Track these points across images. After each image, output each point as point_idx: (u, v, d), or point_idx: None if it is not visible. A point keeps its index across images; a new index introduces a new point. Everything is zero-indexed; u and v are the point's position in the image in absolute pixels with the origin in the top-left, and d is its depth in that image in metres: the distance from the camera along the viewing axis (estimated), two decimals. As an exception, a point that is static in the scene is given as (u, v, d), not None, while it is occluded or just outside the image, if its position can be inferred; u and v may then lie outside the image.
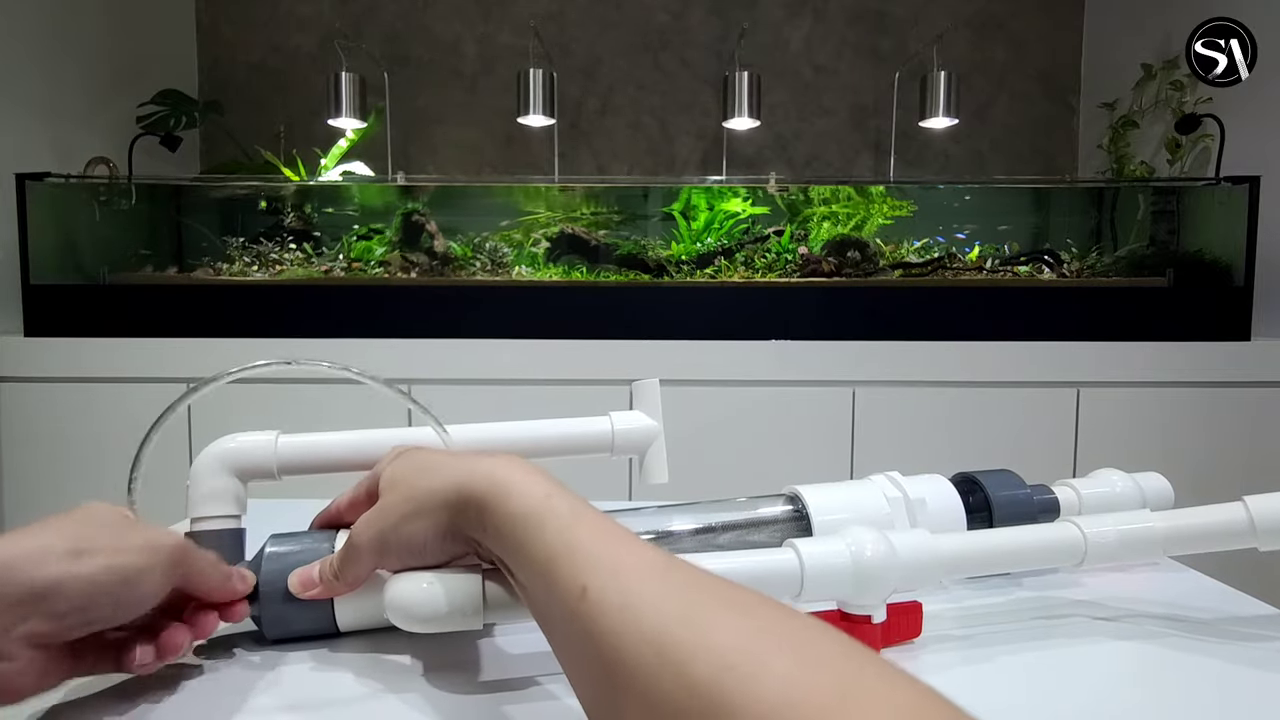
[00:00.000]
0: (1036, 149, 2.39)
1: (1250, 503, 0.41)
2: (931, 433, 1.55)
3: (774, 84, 2.32)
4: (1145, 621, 0.44)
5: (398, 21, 2.33)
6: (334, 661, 0.40)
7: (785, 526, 0.47)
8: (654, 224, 1.93)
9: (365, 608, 0.42)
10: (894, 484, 0.47)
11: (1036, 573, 0.51)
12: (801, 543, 0.38)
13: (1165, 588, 0.50)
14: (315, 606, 0.40)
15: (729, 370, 1.56)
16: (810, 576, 0.36)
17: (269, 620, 0.40)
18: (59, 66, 1.84)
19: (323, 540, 0.42)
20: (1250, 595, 0.48)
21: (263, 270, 1.78)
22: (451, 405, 1.57)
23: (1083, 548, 0.41)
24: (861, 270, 1.76)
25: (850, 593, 0.38)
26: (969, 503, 0.48)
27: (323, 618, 0.41)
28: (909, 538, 0.39)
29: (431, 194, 1.90)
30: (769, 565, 0.37)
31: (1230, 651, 0.41)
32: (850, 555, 0.37)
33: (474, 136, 2.36)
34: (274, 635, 0.41)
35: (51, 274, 1.69)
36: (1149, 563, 0.54)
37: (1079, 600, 0.48)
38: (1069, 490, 0.51)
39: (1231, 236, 1.66)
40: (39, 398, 1.56)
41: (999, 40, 2.36)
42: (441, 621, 0.36)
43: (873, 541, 0.37)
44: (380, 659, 0.40)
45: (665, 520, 0.47)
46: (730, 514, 0.48)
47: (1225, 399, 1.56)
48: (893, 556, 0.37)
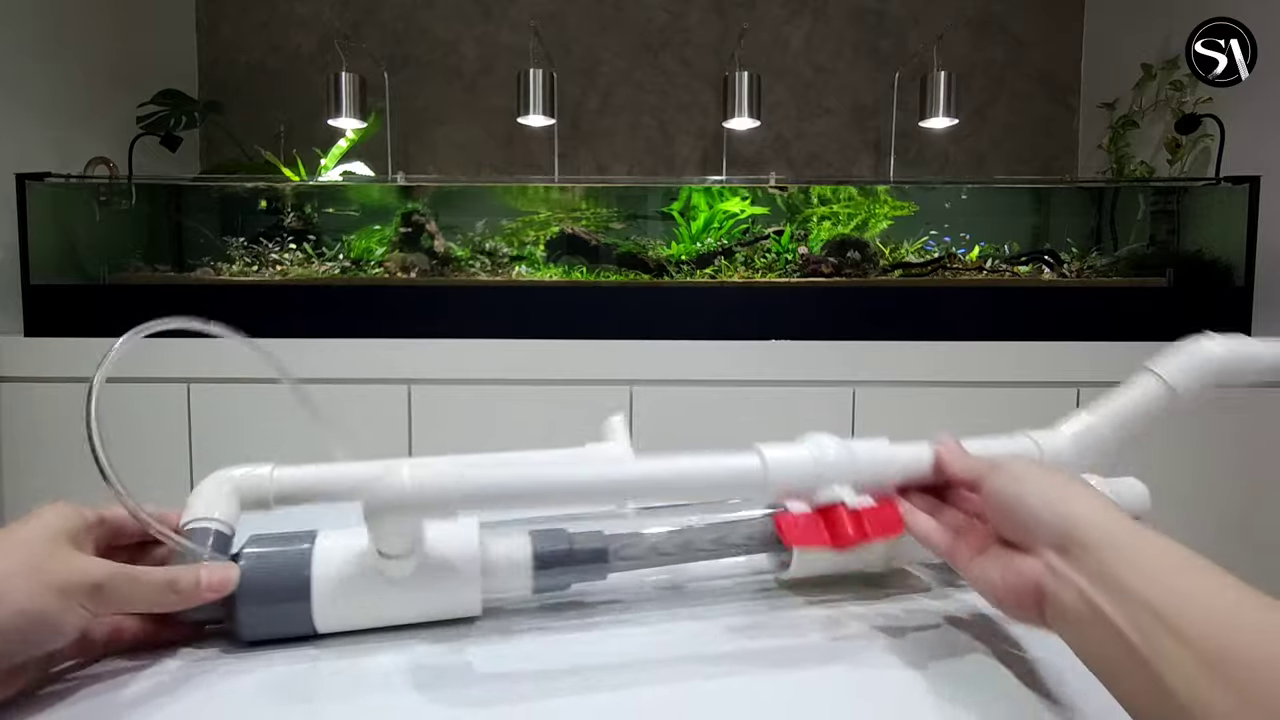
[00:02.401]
0: (1036, 149, 2.39)
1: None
2: (931, 433, 1.55)
3: (774, 84, 2.32)
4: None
5: (398, 21, 2.33)
6: (313, 661, 0.40)
7: (770, 529, 0.47)
8: (654, 224, 1.93)
9: (344, 609, 0.41)
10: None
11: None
12: (765, 447, 0.43)
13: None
14: (292, 608, 0.40)
15: (729, 370, 1.56)
16: (774, 475, 0.41)
17: (246, 622, 0.40)
18: (59, 66, 1.84)
19: (302, 541, 0.42)
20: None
21: (263, 270, 1.78)
22: (452, 405, 1.57)
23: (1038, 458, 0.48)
24: (861, 270, 1.76)
25: (812, 487, 0.42)
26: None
27: (300, 619, 0.40)
28: (867, 443, 0.44)
29: (431, 194, 1.90)
30: (735, 467, 0.42)
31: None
32: (811, 458, 0.42)
33: (474, 136, 2.36)
34: (250, 637, 0.40)
35: (51, 274, 1.69)
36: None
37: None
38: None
39: (1231, 236, 1.66)
40: (39, 398, 1.56)
41: (999, 40, 2.36)
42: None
43: (834, 445, 0.43)
44: (360, 661, 0.40)
45: (641, 524, 0.47)
46: (712, 514, 0.48)
47: (1225, 399, 1.56)
48: (852, 460, 0.43)
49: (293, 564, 0.41)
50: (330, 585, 0.40)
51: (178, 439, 1.55)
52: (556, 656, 0.41)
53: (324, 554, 0.41)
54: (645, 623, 0.44)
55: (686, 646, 0.42)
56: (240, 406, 1.54)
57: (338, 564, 0.41)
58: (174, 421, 1.54)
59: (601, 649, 0.41)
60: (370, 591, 0.41)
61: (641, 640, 0.42)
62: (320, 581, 0.40)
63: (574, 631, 0.43)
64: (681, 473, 0.42)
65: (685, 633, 0.43)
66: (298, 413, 0.41)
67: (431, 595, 0.42)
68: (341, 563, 0.41)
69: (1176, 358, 0.49)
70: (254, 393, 1.54)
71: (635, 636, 0.43)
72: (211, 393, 1.54)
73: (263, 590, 0.40)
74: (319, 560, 0.41)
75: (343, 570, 0.41)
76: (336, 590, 0.41)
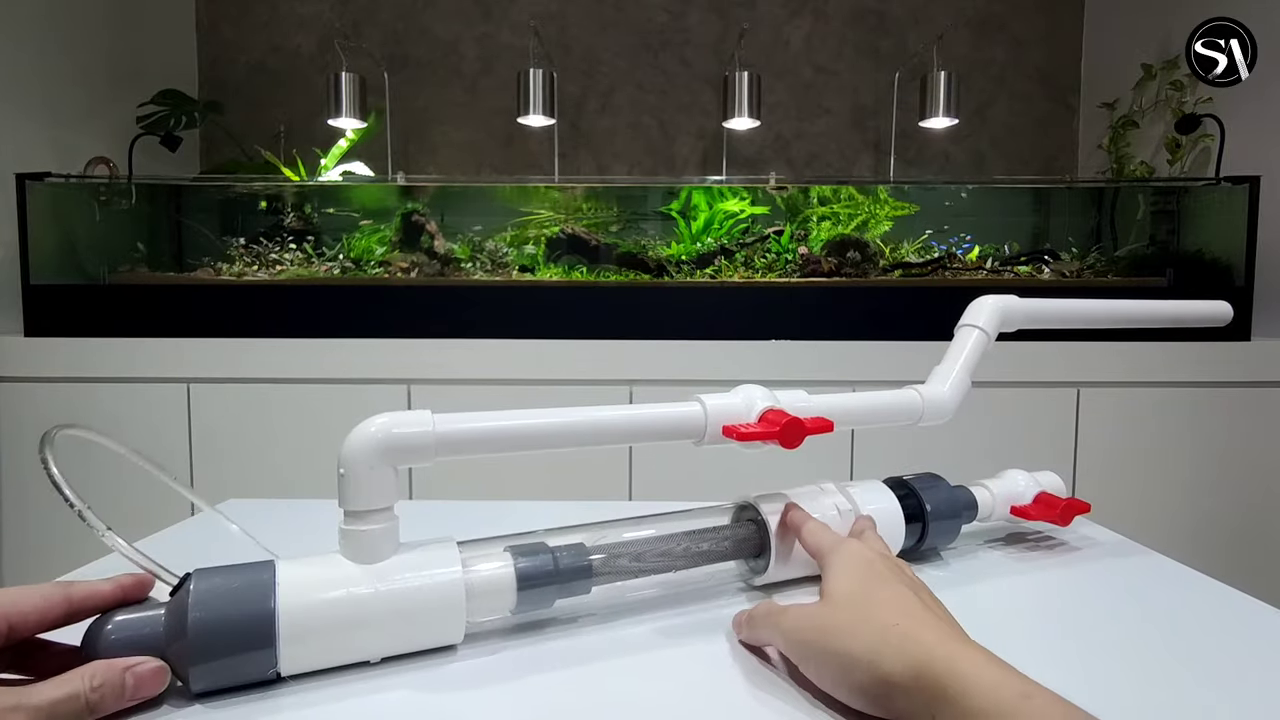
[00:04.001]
0: (1036, 149, 2.39)
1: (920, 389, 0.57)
2: (931, 433, 1.55)
3: (774, 84, 2.32)
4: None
5: (398, 21, 2.33)
6: (274, 715, 0.35)
7: (745, 536, 0.49)
8: (654, 224, 1.93)
9: (315, 647, 0.37)
10: (844, 495, 0.52)
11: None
12: (707, 397, 0.47)
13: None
14: (254, 651, 0.35)
15: (729, 370, 1.56)
16: (713, 416, 0.46)
17: (199, 672, 0.34)
18: (59, 67, 1.84)
19: (261, 572, 0.37)
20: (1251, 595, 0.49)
21: (262, 270, 1.78)
22: (451, 405, 1.57)
23: (920, 407, 0.56)
24: (861, 270, 1.75)
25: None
26: (906, 505, 0.53)
27: (262, 663, 0.35)
28: (790, 394, 0.49)
29: (431, 194, 1.90)
30: (682, 412, 0.46)
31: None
32: (743, 401, 0.47)
33: (474, 136, 2.36)
34: (201, 689, 0.35)
35: (51, 274, 1.69)
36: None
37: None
38: (983, 489, 0.59)
39: (1231, 236, 1.66)
40: (39, 398, 1.56)
41: (999, 40, 2.36)
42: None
43: (762, 395, 0.48)
44: (328, 711, 0.35)
45: (620, 532, 0.48)
46: (691, 523, 0.49)
47: (1225, 399, 1.56)
48: (776, 402, 0.47)
49: (254, 596, 0.35)
50: (300, 619, 0.36)
51: (178, 439, 1.55)
52: (552, 686, 0.38)
53: (289, 583, 0.37)
54: (631, 634, 0.44)
55: (674, 652, 0.42)
56: (240, 406, 1.54)
57: (306, 593, 0.37)
58: (174, 421, 1.54)
59: (596, 669, 0.40)
60: (346, 624, 0.37)
61: (630, 651, 0.42)
62: (288, 615, 0.36)
63: (559, 665, 0.40)
64: (634, 418, 0.45)
65: (671, 639, 0.43)
66: (299, 413, 0.40)
67: (413, 625, 0.39)
68: (312, 591, 0.37)
69: (984, 313, 0.61)
70: (254, 393, 1.54)
71: (622, 649, 0.42)
72: (211, 393, 1.54)
73: (217, 630, 0.34)
74: (285, 591, 0.36)
75: (313, 600, 0.37)
76: (307, 625, 0.36)
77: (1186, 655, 0.42)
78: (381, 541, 0.39)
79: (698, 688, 0.38)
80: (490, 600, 0.41)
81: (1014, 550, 0.58)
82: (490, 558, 0.42)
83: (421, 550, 0.41)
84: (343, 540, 0.39)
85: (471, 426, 0.41)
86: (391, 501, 0.40)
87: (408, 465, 0.40)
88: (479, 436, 0.41)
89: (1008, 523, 0.62)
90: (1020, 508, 0.59)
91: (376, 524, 0.39)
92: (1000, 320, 0.61)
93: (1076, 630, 0.45)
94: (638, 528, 0.48)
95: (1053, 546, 0.59)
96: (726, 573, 0.50)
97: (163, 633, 0.35)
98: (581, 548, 0.44)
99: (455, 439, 0.40)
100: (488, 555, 0.42)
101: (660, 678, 0.39)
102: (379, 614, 0.38)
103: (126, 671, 0.32)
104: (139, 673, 0.33)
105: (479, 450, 0.42)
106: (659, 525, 0.48)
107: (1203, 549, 1.55)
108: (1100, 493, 1.56)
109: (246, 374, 1.54)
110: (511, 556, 0.42)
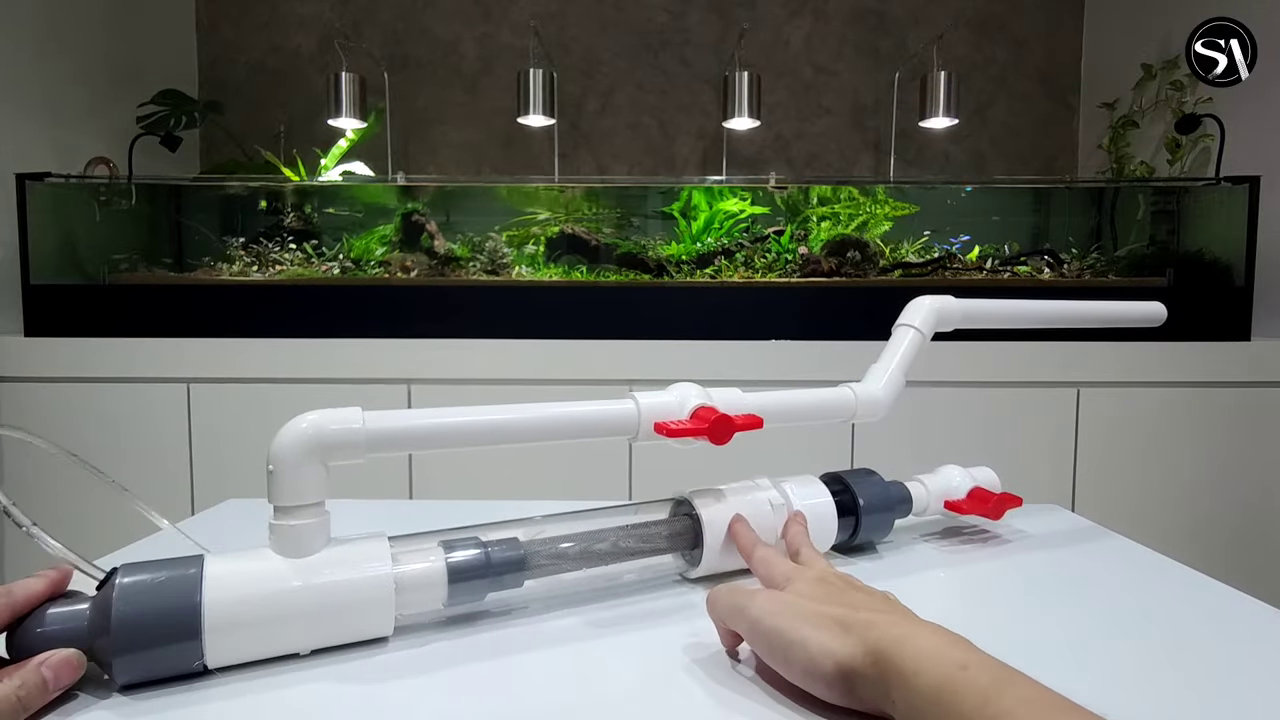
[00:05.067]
0: (1036, 149, 2.39)
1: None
2: (931, 433, 1.55)
3: (774, 84, 2.32)
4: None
5: (398, 21, 2.33)
6: (201, 705, 0.35)
7: (678, 530, 0.50)
8: (654, 224, 1.93)
9: (243, 638, 0.37)
10: (777, 489, 0.53)
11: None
12: (641, 394, 0.48)
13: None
14: (180, 642, 0.35)
15: (729, 370, 1.56)
16: (645, 414, 0.47)
17: (122, 664, 0.35)
18: (59, 67, 1.84)
19: (188, 566, 0.37)
20: (1248, 594, 0.48)
21: (262, 270, 1.78)
22: (451, 405, 1.57)
23: (854, 405, 0.56)
24: (861, 270, 1.75)
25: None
26: (839, 500, 0.54)
27: (188, 655, 0.36)
28: (724, 392, 0.50)
29: (431, 194, 1.90)
30: (616, 409, 0.47)
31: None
32: (677, 399, 0.48)
33: (474, 136, 2.36)
34: (126, 680, 0.36)
35: (51, 274, 1.69)
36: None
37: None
38: (919, 484, 0.60)
39: (1231, 236, 1.66)
40: (39, 398, 1.56)
41: (999, 40, 2.36)
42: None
43: (695, 393, 0.49)
44: (259, 700, 0.36)
45: (554, 529, 0.48)
46: (623, 518, 0.50)
47: (1225, 399, 1.56)
48: (709, 400, 0.49)
49: (179, 590, 0.36)
50: (226, 612, 0.36)
51: (178, 439, 1.55)
52: (480, 676, 0.39)
53: (216, 577, 0.37)
54: (562, 626, 0.44)
55: (604, 643, 0.42)
56: (240, 406, 1.54)
57: (233, 587, 0.37)
58: (174, 421, 1.54)
59: (525, 659, 0.40)
60: (273, 617, 0.38)
61: (559, 642, 0.42)
62: (214, 609, 0.36)
63: (488, 656, 0.41)
64: (568, 415, 0.46)
65: (602, 629, 0.44)
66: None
67: (342, 618, 0.39)
68: (239, 584, 0.37)
69: (920, 313, 0.63)
70: (254, 393, 1.54)
71: (555, 642, 0.42)
72: (211, 393, 1.54)
73: (142, 623, 0.35)
74: (211, 585, 0.37)
75: (240, 594, 0.37)
76: (233, 618, 0.37)
77: (1136, 636, 0.43)
78: (310, 536, 0.40)
79: (624, 677, 0.39)
80: (421, 593, 0.42)
81: (947, 544, 0.59)
82: (422, 552, 0.43)
83: (351, 545, 0.41)
84: (272, 535, 0.40)
85: (402, 424, 0.42)
86: (321, 497, 0.40)
87: (339, 461, 0.40)
88: (410, 434, 0.42)
89: (943, 517, 0.63)
90: (954, 502, 0.60)
91: (305, 519, 0.39)
92: (936, 320, 0.63)
93: (1006, 619, 0.47)
94: (573, 522, 0.48)
95: (985, 539, 0.60)
96: (662, 566, 0.51)
97: (86, 626, 0.35)
98: (515, 542, 0.45)
99: (386, 436, 0.41)
100: (420, 549, 0.43)
101: (588, 667, 0.40)
102: (306, 607, 0.38)
103: (40, 667, 0.34)
104: (53, 664, 0.34)
105: (411, 447, 0.43)
106: (595, 520, 0.49)
107: (1202, 549, 1.55)
108: (1100, 492, 1.56)
109: (246, 374, 1.54)
110: (443, 550, 0.43)
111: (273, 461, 0.39)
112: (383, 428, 0.41)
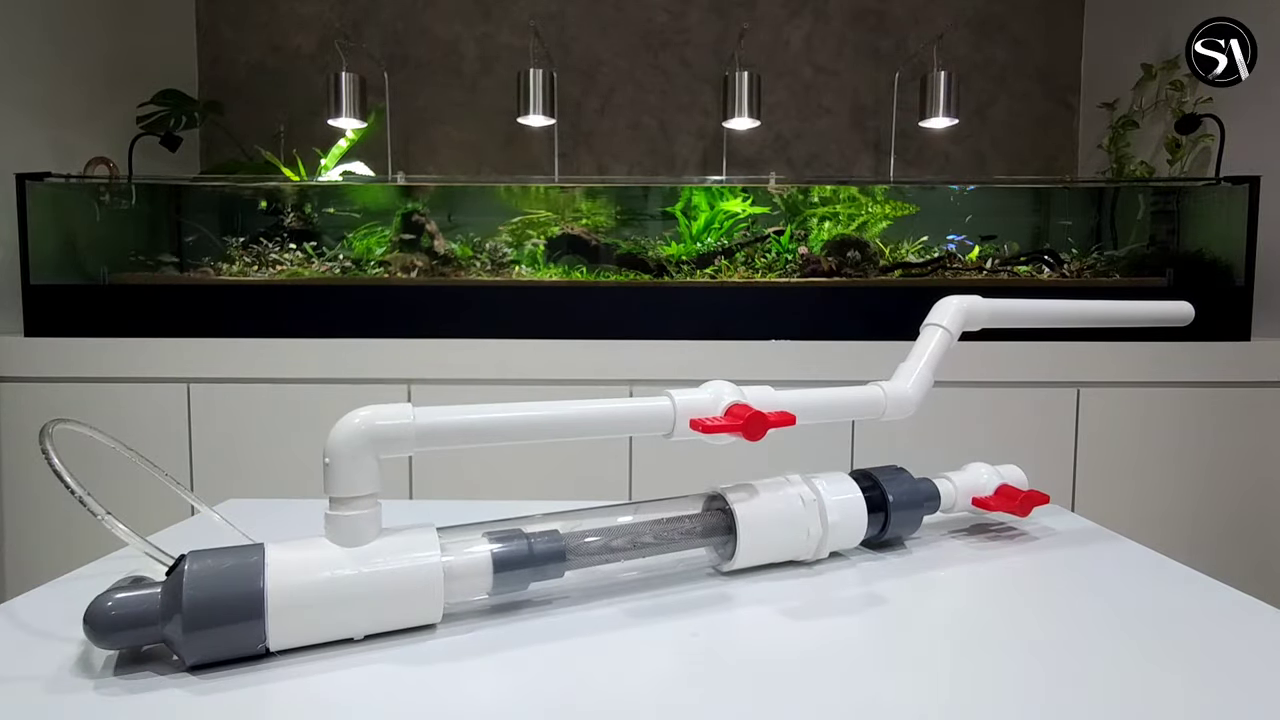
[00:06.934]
0: (1036, 149, 2.39)
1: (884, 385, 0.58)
2: (931, 433, 1.55)
3: (774, 84, 2.32)
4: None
5: (398, 21, 2.33)
6: (263, 685, 0.37)
7: (713, 524, 0.51)
8: (654, 224, 1.93)
9: (302, 622, 0.39)
10: (808, 485, 0.53)
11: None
12: (677, 392, 0.49)
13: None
14: (245, 624, 0.37)
15: (729, 370, 1.56)
16: (681, 411, 0.48)
17: (191, 645, 0.37)
18: (59, 67, 1.84)
19: (250, 554, 0.39)
20: (1245, 593, 0.49)
21: (262, 270, 1.78)
22: (451, 405, 1.57)
23: (884, 403, 0.57)
24: (861, 270, 1.76)
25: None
26: (869, 496, 0.55)
27: (252, 637, 0.38)
28: (758, 391, 0.51)
29: (431, 194, 1.90)
30: (652, 406, 0.48)
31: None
32: (711, 397, 0.49)
33: (474, 136, 2.36)
34: (194, 660, 0.37)
35: (51, 274, 1.69)
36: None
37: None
38: (946, 482, 0.60)
39: (1231, 236, 1.66)
40: (39, 398, 1.56)
41: (999, 40, 2.36)
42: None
43: (730, 391, 0.50)
44: (315, 681, 0.37)
45: (594, 522, 0.49)
46: (657, 513, 0.51)
47: (1225, 399, 1.56)
48: (743, 397, 0.49)
49: (244, 575, 0.38)
50: (287, 597, 0.38)
51: (178, 439, 1.55)
52: (526, 659, 0.40)
53: (278, 564, 0.39)
54: (601, 615, 0.45)
55: (641, 631, 0.43)
56: (240, 406, 1.54)
57: (293, 574, 0.39)
58: (174, 421, 1.54)
59: (567, 645, 0.42)
60: (332, 602, 0.39)
61: (599, 630, 0.43)
62: (276, 594, 0.38)
63: (531, 642, 0.42)
64: (609, 411, 0.47)
65: (640, 619, 0.45)
66: (299, 413, 0.40)
67: (394, 604, 0.41)
68: (299, 571, 0.39)
69: (948, 312, 0.63)
70: (254, 393, 1.54)
71: (592, 628, 0.44)
72: (211, 393, 1.54)
73: (211, 606, 0.37)
74: (273, 571, 0.39)
75: (300, 580, 0.39)
76: (294, 602, 0.38)
77: (1151, 640, 0.43)
78: (364, 526, 0.41)
79: (662, 664, 0.40)
80: (467, 582, 0.43)
81: (975, 540, 0.60)
82: (468, 543, 0.44)
83: (402, 535, 0.43)
84: (328, 525, 0.41)
85: (450, 419, 0.43)
86: (374, 489, 0.42)
87: (390, 455, 0.42)
88: (456, 428, 0.44)
89: (970, 514, 0.63)
90: (981, 499, 0.60)
91: (359, 510, 0.41)
92: (964, 319, 0.63)
93: (1032, 615, 0.47)
94: (611, 516, 0.50)
95: (1013, 536, 0.61)
96: (696, 559, 0.52)
97: (159, 609, 0.37)
98: (555, 534, 0.46)
99: (434, 430, 0.43)
100: (466, 540, 0.44)
101: (627, 654, 0.41)
102: (361, 593, 0.40)
103: None
104: None
105: (457, 441, 0.44)
106: (632, 514, 0.50)
107: (1202, 549, 1.55)
108: (1100, 492, 1.57)
109: (246, 374, 1.54)
110: (488, 541, 0.45)
111: (329, 455, 0.41)
112: (432, 423, 0.43)
